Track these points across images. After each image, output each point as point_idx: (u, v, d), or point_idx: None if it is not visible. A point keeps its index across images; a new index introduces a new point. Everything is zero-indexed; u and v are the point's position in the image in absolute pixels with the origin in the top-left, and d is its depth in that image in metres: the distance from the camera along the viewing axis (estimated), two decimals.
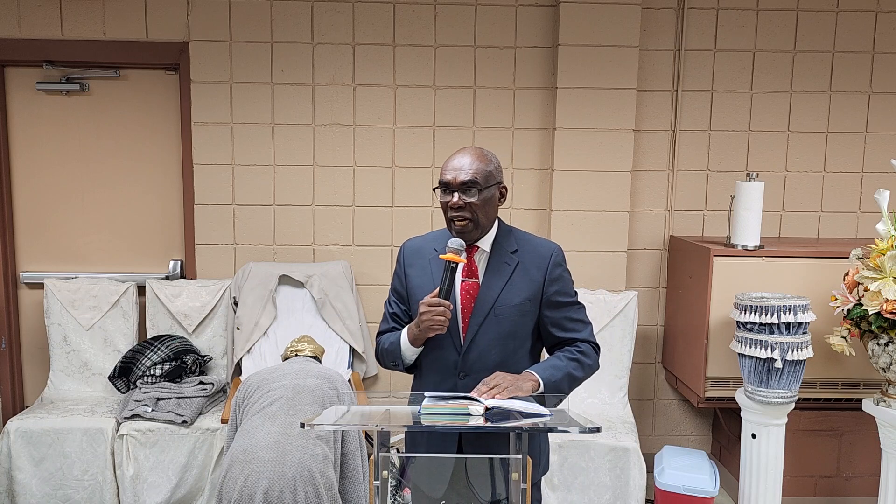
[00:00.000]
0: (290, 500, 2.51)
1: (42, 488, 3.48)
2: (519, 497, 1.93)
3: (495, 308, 2.17)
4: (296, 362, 3.07)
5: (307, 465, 2.58)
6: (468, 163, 2.14)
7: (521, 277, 2.19)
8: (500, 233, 2.24)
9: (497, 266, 2.20)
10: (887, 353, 3.06)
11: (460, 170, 2.13)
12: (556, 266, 2.22)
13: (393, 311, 2.32)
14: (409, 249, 2.32)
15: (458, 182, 2.13)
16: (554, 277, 2.22)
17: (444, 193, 2.16)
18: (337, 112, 4.03)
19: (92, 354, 3.90)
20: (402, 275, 2.30)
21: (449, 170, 2.15)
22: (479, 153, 2.17)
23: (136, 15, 3.93)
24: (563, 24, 3.86)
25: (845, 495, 3.76)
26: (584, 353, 2.22)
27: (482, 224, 2.17)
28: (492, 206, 2.19)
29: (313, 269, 3.97)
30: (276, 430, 2.64)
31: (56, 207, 4.13)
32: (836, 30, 4.04)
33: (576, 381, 2.20)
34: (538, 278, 2.20)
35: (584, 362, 2.21)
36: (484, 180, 2.14)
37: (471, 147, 2.20)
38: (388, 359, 2.28)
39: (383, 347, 2.29)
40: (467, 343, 2.18)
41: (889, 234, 3.06)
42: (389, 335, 2.29)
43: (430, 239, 2.31)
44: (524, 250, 2.23)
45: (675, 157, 4.10)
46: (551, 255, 2.23)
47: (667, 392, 4.27)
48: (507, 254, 2.21)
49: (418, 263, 2.27)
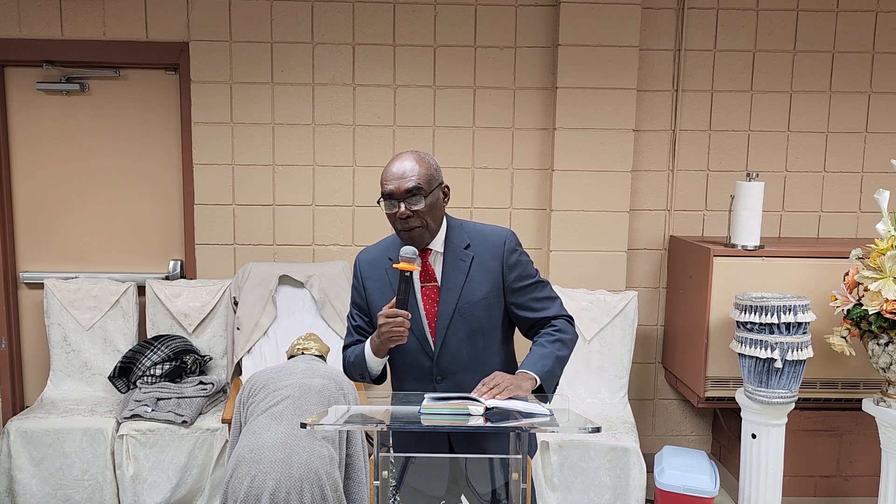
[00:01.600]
0: (296, 501, 2.51)
1: (42, 488, 3.48)
2: (519, 497, 1.93)
3: (459, 308, 2.17)
4: (302, 361, 3.06)
5: (314, 466, 2.58)
6: (409, 169, 2.11)
7: (479, 272, 2.18)
8: (449, 230, 2.23)
9: (453, 265, 2.18)
10: (887, 353, 3.07)
11: (402, 178, 2.10)
12: (511, 252, 2.21)
13: (357, 324, 2.30)
14: (364, 262, 2.30)
15: (403, 191, 2.09)
16: (511, 264, 2.20)
17: (389, 205, 2.13)
18: (337, 112, 4.03)
19: (92, 354, 3.90)
20: (360, 288, 2.28)
21: (390, 179, 2.11)
22: (417, 157, 2.14)
23: (136, 15, 3.94)
24: (563, 24, 3.86)
25: (845, 495, 3.76)
26: (560, 330, 2.22)
27: (431, 228, 2.16)
28: (438, 208, 2.18)
29: (313, 269, 3.97)
30: (282, 431, 2.64)
31: (56, 207, 4.13)
32: (836, 30, 4.04)
33: (564, 360, 2.20)
34: (496, 269, 2.19)
35: (564, 339, 2.21)
36: (427, 184, 2.12)
37: (406, 152, 2.17)
38: (355, 372, 2.27)
39: (349, 361, 2.28)
40: (438, 347, 2.18)
41: (889, 234, 3.06)
42: (354, 348, 2.27)
43: (383, 248, 2.29)
44: (477, 243, 2.21)
45: (675, 157, 4.10)
46: (504, 242, 2.21)
47: (667, 392, 4.27)
48: (460, 250, 2.20)
49: (374, 275, 2.25)
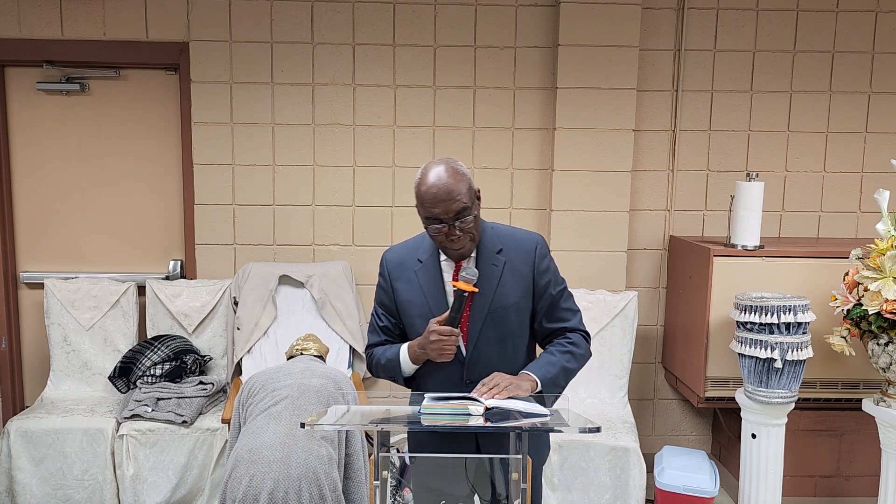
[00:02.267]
0: (294, 501, 2.51)
1: (42, 488, 3.48)
2: (519, 497, 1.93)
3: (491, 312, 2.16)
4: (300, 361, 3.06)
5: (312, 465, 2.58)
6: (452, 189, 2.04)
7: (510, 276, 2.18)
8: (483, 234, 2.21)
9: (486, 269, 2.17)
10: (887, 353, 3.07)
11: (448, 200, 2.04)
12: (542, 258, 2.21)
13: (383, 325, 2.27)
14: (392, 262, 2.26)
15: (452, 213, 2.05)
16: (542, 269, 2.20)
17: (436, 229, 2.09)
18: (337, 112, 4.03)
19: (92, 354, 3.90)
20: (388, 289, 2.25)
21: (436, 203, 2.04)
22: (453, 172, 2.06)
23: (136, 15, 3.94)
24: (563, 24, 3.86)
25: (845, 495, 3.76)
26: (574, 343, 2.21)
27: (477, 240, 2.16)
28: (479, 218, 2.17)
29: (313, 269, 3.97)
30: (281, 431, 2.64)
31: (56, 207, 4.13)
32: (836, 30, 4.04)
33: (571, 373, 2.20)
34: (527, 273, 2.19)
35: (576, 353, 2.20)
36: (471, 200, 2.09)
37: (439, 167, 2.07)
38: (385, 373, 2.25)
39: (378, 362, 2.25)
40: (470, 351, 2.17)
41: (889, 234, 3.06)
42: (385, 349, 2.25)
43: (410, 248, 2.26)
44: (508, 247, 2.20)
45: (675, 157, 4.10)
46: (536, 247, 2.21)
47: (667, 392, 4.27)
48: (493, 255, 2.18)
49: (404, 276, 2.23)
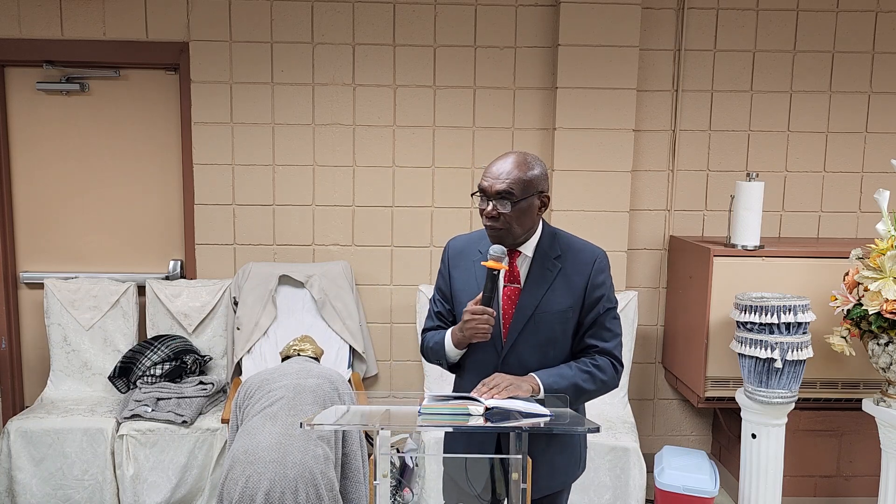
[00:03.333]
0: (291, 501, 2.51)
1: (42, 488, 3.48)
2: (519, 497, 1.93)
3: (535, 314, 2.15)
4: (296, 362, 3.07)
5: (308, 465, 2.58)
6: (507, 171, 2.09)
7: (562, 284, 2.16)
8: (543, 236, 2.20)
9: (539, 272, 2.17)
10: (887, 353, 3.07)
11: (497, 178, 2.09)
12: (599, 272, 2.18)
13: (437, 310, 2.32)
14: (454, 250, 2.31)
15: (494, 191, 2.09)
16: (597, 284, 2.18)
17: (481, 200, 2.13)
18: (337, 112, 4.03)
19: (92, 354, 3.90)
20: (446, 275, 2.30)
21: (488, 176, 2.11)
22: (520, 160, 2.11)
23: (136, 15, 3.94)
24: (563, 24, 3.86)
25: (845, 495, 3.76)
26: (599, 367, 2.16)
27: (516, 233, 2.14)
28: (529, 216, 2.14)
29: (313, 269, 3.97)
30: (277, 431, 2.64)
31: (56, 207, 4.13)
32: (836, 30, 4.04)
33: (584, 393, 2.15)
34: (580, 284, 2.17)
35: (596, 376, 2.15)
36: (521, 191, 2.09)
37: (514, 153, 2.14)
38: (433, 357, 2.29)
39: (428, 346, 2.30)
40: (507, 347, 2.17)
41: (889, 234, 3.06)
42: (434, 334, 2.29)
43: (474, 239, 2.29)
44: (567, 256, 2.19)
45: (675, 157, 4.10)
46: (595, 261, 2.19)
47: (667, 392, 4.27)
48: (549, 259, 2.18)
49: (462, 265, 2.26)
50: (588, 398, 2.19)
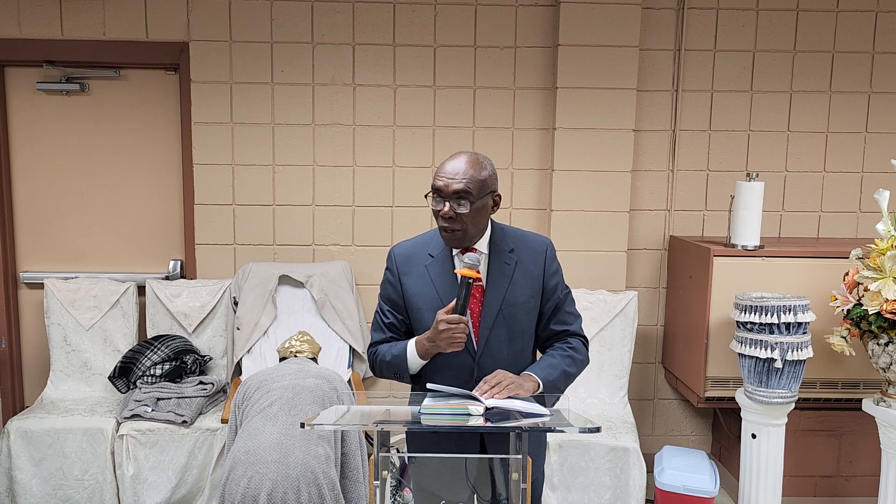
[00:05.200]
0: (293, 501, 2.51)
1: (42, 488, 3.48)
2: (519, 497, 1.93)
3: (503, 309, 2.17)
4: (294, 363, 3.07)
5: (310, 465, 2.58)
6: (462, 171, 2.09)
7: (521, 276, 2.20)
8: (494, 232, 2.22)
9: (498, 267, 2.19)
10: (887, 353, 3.06)
11: (453, 178, 2.08)
12: (552, 260, 2.25)
13: (389, 322, 2.25)
14: (401, 257, 2.26)
15: (451, 191, 2.08)
16: (552, 271, 2.24)
17: (435, 201, 2.12)
18: (337, 112, 4.03)
19: (92, 354, 3.90)
20: (396, 283, 2.24)
21: (441, 176, 2.10)
22: (473, 160, 2.12)
23: (136, 15, 3.94)
24: (563, 24, 3.86)
25: (845, 495, 3.76)
26: (574, 348, 2.24)
27: (471, 234, 2.14)
28: (484, 216, 2.16)
29: (313, 269, 3.97)
30: (277, 431, 2.64)
31: (56, 207, 4.13)
32: (836, 30, 4.04)
33: (570, 377, 2.22)
34: (538, 274, 2.22)
35: (575, 358, 2.23)
36: (477, 191, 2.09)
37: (466, 152, 2.15)
38: (389, 371, 2.22)
39: (382, 360, 2.22)
40: (481, 347, 2.17)
41: (889, 234, 3.06)
42: (389, 346, 2.23)
43: (420, 243, 2.27)
44: (519, 247, 2.23)
45: (675, 157, 4.10)
46: (546, 249, 2.25)
47: (667, 392, 4.27)
48: (505, 253, 2.20)
49: (413, 271, 2.22)
50: (573, 380, 2.25)
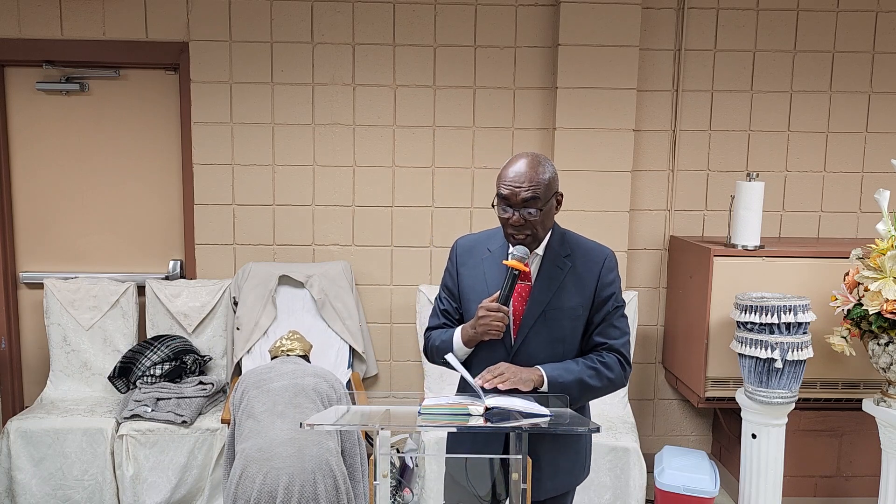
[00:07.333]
0: (310, 493, 2.54)
1: (42, 488, 3.48)
2: (519, 497, 1.93)
3: (546, 311, 2.16)
4: (288, 362, 3.08)
5: (325, 458, 2.62)
6: (526, 176, 2.07)
7: (572, 282, 2.17)
8: (553, 236, 2.21)
9: (550, 270, 2.18)
10: (887, 353, 3.06)
11: (520, 185, 2.07)
12: (608, 271, 2.20)
13: (444, 308, 2.31)
14: (462, 248, 2.31)
15: (519, 200, 2.08)
16: (606, 282, 2.19)
17: (502, 209, 2.12)
18: (337, 112, 4.03)
19: (92, 354, 3.90)
20: (454, 273, 2.30)
21: (507, 183, 2.09)
22: (534, 162, 2.10)
23: (136, 15, 3.94)
24: (563, 24, 3.86)
25: (845, 495, 3.76)
26: (606, 364, 2.16)
27: (540, 238, 2.16)
28: (550, 217, 2.16)
29: (313, 269, 3.97)
30: (287, 427, 2.67)
31: (56, 207, 4.13)
32: (836, 30, 4.04)
33: (589, 389, 2.15)
34: (590, 283, 2.18)
35: (602, 373, 2.15)
36: (544, 195, 2.09)
37: (525, 155, 2.13)
38: (438, 356, 2.26)
39: (433, 344, 2.28)
40: (517, 345, 2.17)
41: (889, 234, 3.06)
42: (441, 332, 2.28)
43: (483, 238, 2.31)
44: (577, 255, 2.20)
45: (675, 157, 4.10)
46: (604, 260, 2.21)
47: (667, 392, 4.27)
48: (560, 258, 2.19)
49: (470, 262, 2.27)
50: (593, 396, 2.19)
